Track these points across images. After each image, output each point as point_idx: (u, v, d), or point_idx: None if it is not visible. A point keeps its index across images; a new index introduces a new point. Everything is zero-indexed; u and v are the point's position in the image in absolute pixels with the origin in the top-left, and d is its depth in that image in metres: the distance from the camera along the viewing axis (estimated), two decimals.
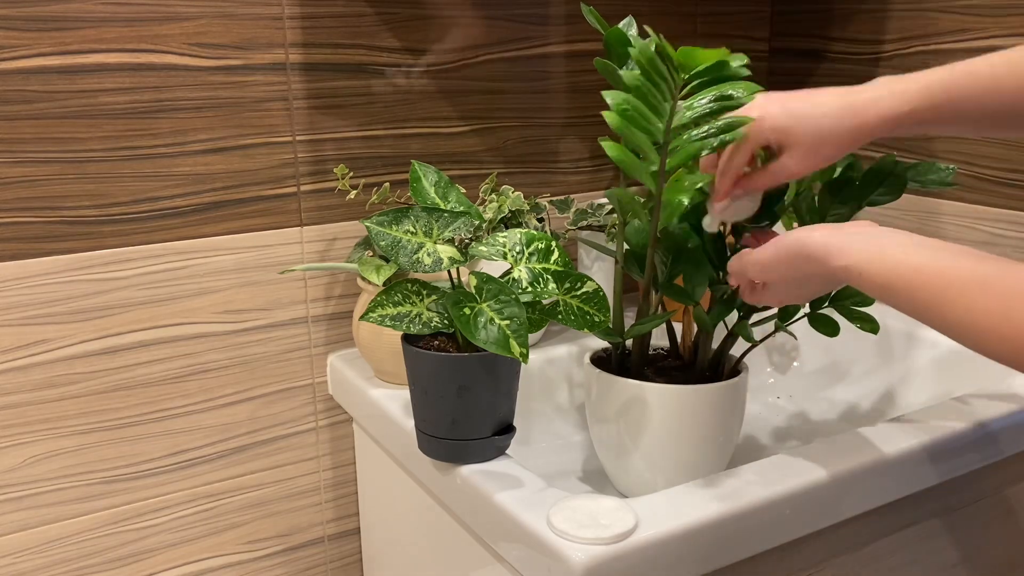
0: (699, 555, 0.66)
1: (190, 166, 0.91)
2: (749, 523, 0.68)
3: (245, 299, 0.96)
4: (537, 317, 0.75)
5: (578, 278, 0.76)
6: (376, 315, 0.73)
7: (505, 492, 0.70)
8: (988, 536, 0.89)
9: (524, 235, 0.75)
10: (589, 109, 1.14)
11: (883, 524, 0.79)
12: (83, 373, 0.90)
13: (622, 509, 0.65)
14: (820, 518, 0.72)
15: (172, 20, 0.87)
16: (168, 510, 0.97)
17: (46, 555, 0.92)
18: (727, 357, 0.85)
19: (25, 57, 0.82)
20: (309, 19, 0.94)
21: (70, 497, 0.92)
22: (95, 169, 0.87)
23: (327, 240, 1.00)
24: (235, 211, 0.94)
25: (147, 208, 0.90)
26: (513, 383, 0.75)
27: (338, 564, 1.09)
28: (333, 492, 1.07)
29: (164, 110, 0.89)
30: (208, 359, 0.96)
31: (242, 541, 1.03)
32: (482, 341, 0.67)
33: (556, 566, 0.63)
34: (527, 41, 1.07)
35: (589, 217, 1.04)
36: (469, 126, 1.06)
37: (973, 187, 1.04)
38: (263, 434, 1.01)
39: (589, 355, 0.86)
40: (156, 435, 0.95)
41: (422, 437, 0.76)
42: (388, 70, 0.99)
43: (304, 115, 0.96)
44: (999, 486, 0.87)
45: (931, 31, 1.06)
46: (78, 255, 0.88)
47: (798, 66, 1.23)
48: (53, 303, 0.87)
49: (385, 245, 0.71)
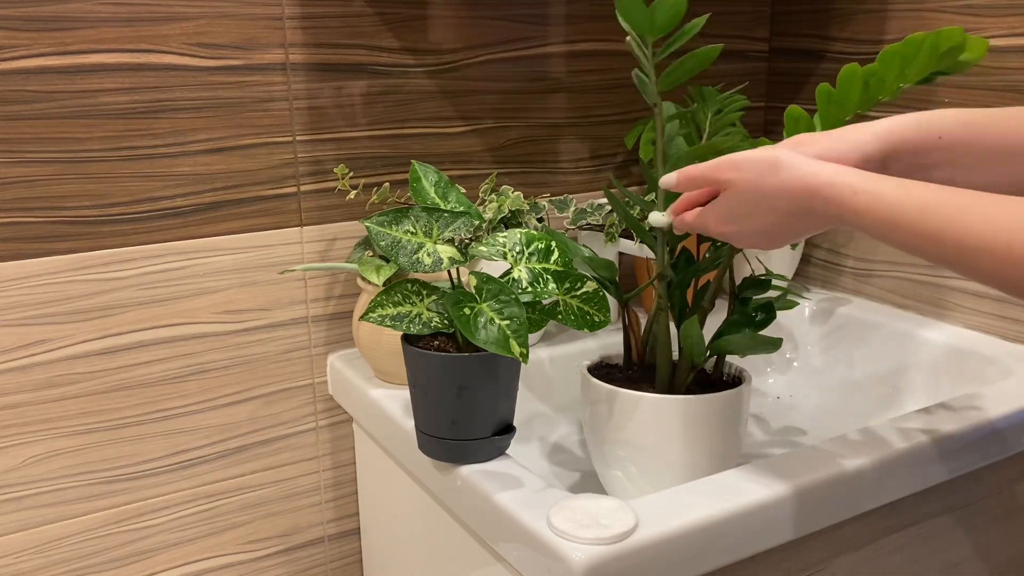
0: (699, 555, 0.66)
1: (190, 166, 0.91)
2: (749, 523, 0.68)
3: (245, 299, 0.96)
4: (537, 317, 0.75)
5: (578, 278, 0.76)
6: (376, 315, 0.73)
7: (505, 492, 0.70)
8: (989, 536, 0.89)
9: (524, 235, 0.75)
10: (589, 109, 1.14)
11: (883, 524, 0.79)
12: (83, 373, 0.90)
13: (622, 509, 0.65)
14: (820, 518, 0.72)
15: (172, 20, 0.87)
16: (168, 510, 0.97)
17: (46, 555, 0.92)
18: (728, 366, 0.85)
19: (25, 57, 0.82)
20: (309, 19, 0.94)
21: (70, 497, 0.92)
22: (95, 169, 0.87)
23: (327, 240, 1.00)
24: (235, 211, 0.94)
25: (147, 208, 0.90)
26: (513, 383, 0.75)
27: (338, 564, 1.09)
28: (333, 492, 1.07)
29: (164, 110, 0.89)
30: (208, 359, 0.96)
31: (242, 541, 1.03)
32: (482, 341, 0.67)
33: (556, 566, 0.63)
34: (527, 41, 1.07)
35: (588, 217, 1.04)
36: (469, 126, 1.06)
37: None
38: (263, 434, 1.01)
39: (586, 365, 0.86)
40: (156, 435, 0.95)
41: (422, 437, 0.76)
42: (388, 70, 0.99)
43: (304, 115, 0.96)
44: (1000, 486, 0.87)
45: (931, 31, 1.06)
46: (78, 255, 0.88)
47: (798, 66, 1.23)
48: (53, 303, 0.87)
49: (385, 245, 0.71)
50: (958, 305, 1.04)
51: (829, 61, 1.19)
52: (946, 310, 1.06)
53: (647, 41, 0.72)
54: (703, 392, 0.79)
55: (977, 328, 1.03)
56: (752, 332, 0.81)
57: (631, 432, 0.79)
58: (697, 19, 0.72)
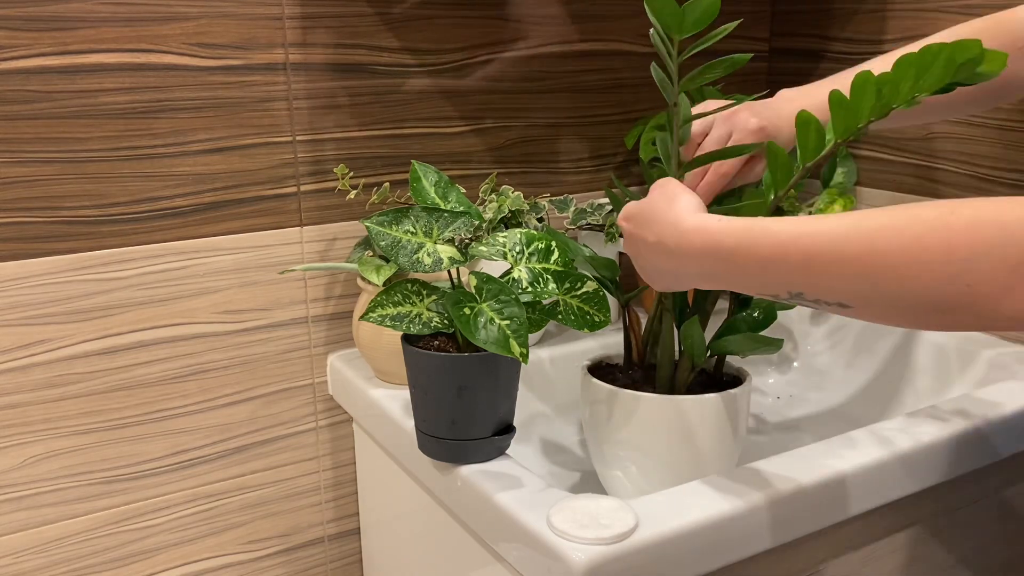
0: (699, 555, 0.66)
1: (190, 166, 0.91)
2: (749, 523, 0.68)
3: (245, 299, 0.96)
4: (537, 317, 0.75)
5: (578, 278, 0.76)
6: (376, 315, 0.73)
7: (505, 492, 0.70)
8: (988, 536, 0.89)
9: (524, 235, 0.75)
10: (589, 109, 1.14)
11: (883, 524, 0.79)
12: (83, 373, 0.90)
13: (622, 509, 0.65)
14: (820, 518, 0.72)
15: (172, 20, 0.87)
16: (168, 510, 0.97)
17: (46, 555, 0.92)
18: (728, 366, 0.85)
19: (25, 57, 0.82)
20: (309, 19, 0.94)
21: (70, 497, 0.92)
22: (95, 169, 0.87)
23: (327, 240, 1.00)
24: (235, 211, 0.94)
25: (147, 208, 0.90)
26: (513, 383, 0.75)
27: (338, 564, 1.09)
28: (333, 492, 1.07)
29: (164, 110, 0.89)
30: (208, 359, 0.96)
31: (242, 541, 1.03)
32: (482, 341, 0.67)
33: (556, 566, 0.63)
34: (527, 41, 1.07)
35: (588, 216, 1.04)
36: (469, 126, 1.06)
37: (973, 187, 1.04)
38: (263, 434, 1.01)
39: (586, 365, 0.86)
40: (156, 435, 0.95)
41: (422, 437, 0.76)
42: (388, 70, 0.99)
43: (304, 115, 0.96)
44: (999, 486, 0.87)
45: (931, 31, 1.06)
46: (78, 255, 0.88)
47: (798, 66, 1.23)
48: (53, 303, 0.87)
49: (385, 245, 0.71)
50: None
51: (829, 61, 1.19)
52: None
53: (673, 40, 0.71)
54: (703, 392, 0.79)
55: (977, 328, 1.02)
56: (753, 332, 0.81)
57: (631, 432, 0.79)
58: (728, 24, 0.72)
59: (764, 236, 0.57)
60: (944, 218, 0.50)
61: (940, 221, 0.50)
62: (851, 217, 0.53)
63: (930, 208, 0.51)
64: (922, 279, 0.50)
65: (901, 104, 0.63)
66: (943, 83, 0.61)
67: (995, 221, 0.48)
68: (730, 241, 0.59)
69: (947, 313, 0.50)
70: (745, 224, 0.58)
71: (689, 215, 0.63)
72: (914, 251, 0.50)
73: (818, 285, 0.55)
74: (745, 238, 0.58)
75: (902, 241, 0.50)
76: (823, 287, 0.54)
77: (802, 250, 0.54)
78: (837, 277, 0.53)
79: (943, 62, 0.60)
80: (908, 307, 0.52)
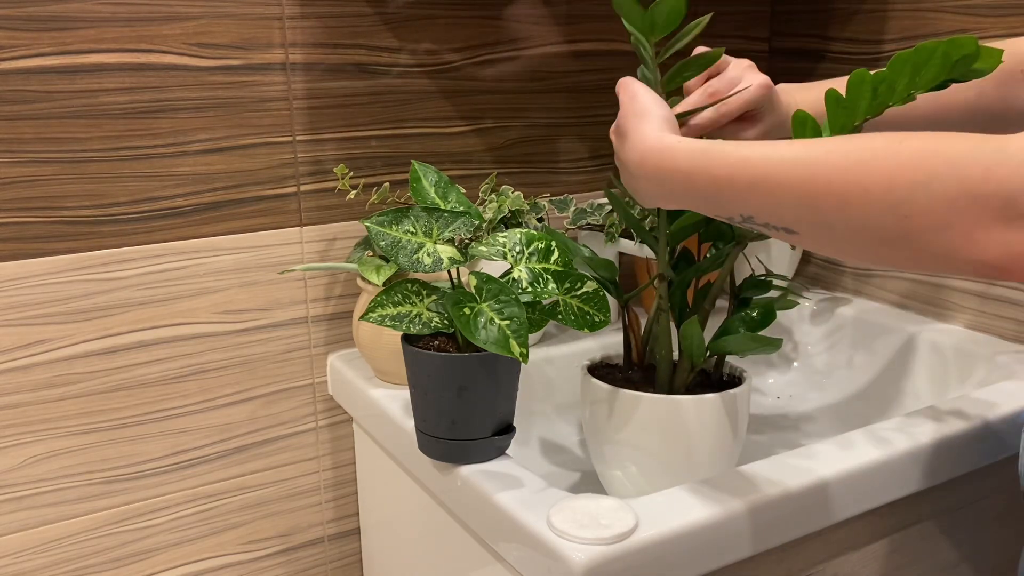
0: (699, 555, 0.66)
1: (190, 166, 0.91)
2: (749, 523, 0.68)
3: (245, 299, 0.96)
4: (537, 317, 0.75)
5: (578, 278, 0.76)
6: (376, 315, 0.73)
7: (505, 492, 0.70)
8: (988, 536, 0.89)
9: (524, 235, 0.75)
10: (589, 109, 1.14)
11: (883, 524, 0.79)
12: (83, 373, 0.90)
13: (622, 509, 0.65)
14: (820, 518, 0.72)
15: (172, 20, 0.87)
16: (168, 510, 0.97)
17: (46, 555, 0.92)
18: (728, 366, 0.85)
19: (25, 57, 0.82)
20: (309, 19, 0.94)
21: (70, 497, 0.92)
22: (95, 169, 0.87)
23: (327, 240, 1.00)
24: (235, 211, 0.94)
25: (147, 208, 0.90)
26: (513, 383, 0.75)
27: (338, 564, 1.09)
28: (333, 492, 1.07)
29: (164, 110, 0.89)
30: (208, 359, 0.96)
31: (242, 541, 1.03)
32: (482, 341, 0.67)
33: (556, 566, 0.63)
34: (527, 41, 1.07)
35: (588, 216, 1.04)
36: (469, 126, 1.06)
37: None
38: (263, 434, 1.01)
39: (586, 365, 0.86)
40: (156, 435, 0.95)
41: (422, 437, 0.76)
42: (388, 70, 0.99)
43: (304, 115, 0.96)
44: (999, 486, 0.87)
45: (931, 31, 1.06)
46: (78, 255, 0.88)
47: (798, 66, 1.23)
48: (53, 303, 0.87)
49: (385, 245, 0.71)
50: (958, 305, 1.04)
51: (829, 61, 1.19)
52: (946, 310, 1.06)
53: (649, 41, 0.72)
54: (703, 392, 0.79)
55: (977, 328, 1.03)
56: (752, 332, 0.81)
57: (631, 432, 0.79)
58: (698, 19, 0.72)
59: (719, 158, 0.56)
60: (892, 146, 0.48)
61: (887, 150, 0.48)
62: (802, 142, 0.53)
63: (880, 137, 0.50)
64: (863, 207, 0.49)
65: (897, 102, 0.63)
66: (939, 80, 0.61)
67: (941, 153, 0.46)
68: (685, 162, 0.59)
69: (887, 246, 0.49)
70: (702, 146, 0.58)
71: (652, 133, 0.62)
72: (856, 177, 0.49)
73: (764, 208, 0.54)
74: (700, 159, 0.58)
75: (846, 166, 0.49)
76: (769, 211, 0.54)
77: (750, 172, 0.54)
78: (782, 201, 0.53)
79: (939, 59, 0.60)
80: (851, 236, 0.50)
